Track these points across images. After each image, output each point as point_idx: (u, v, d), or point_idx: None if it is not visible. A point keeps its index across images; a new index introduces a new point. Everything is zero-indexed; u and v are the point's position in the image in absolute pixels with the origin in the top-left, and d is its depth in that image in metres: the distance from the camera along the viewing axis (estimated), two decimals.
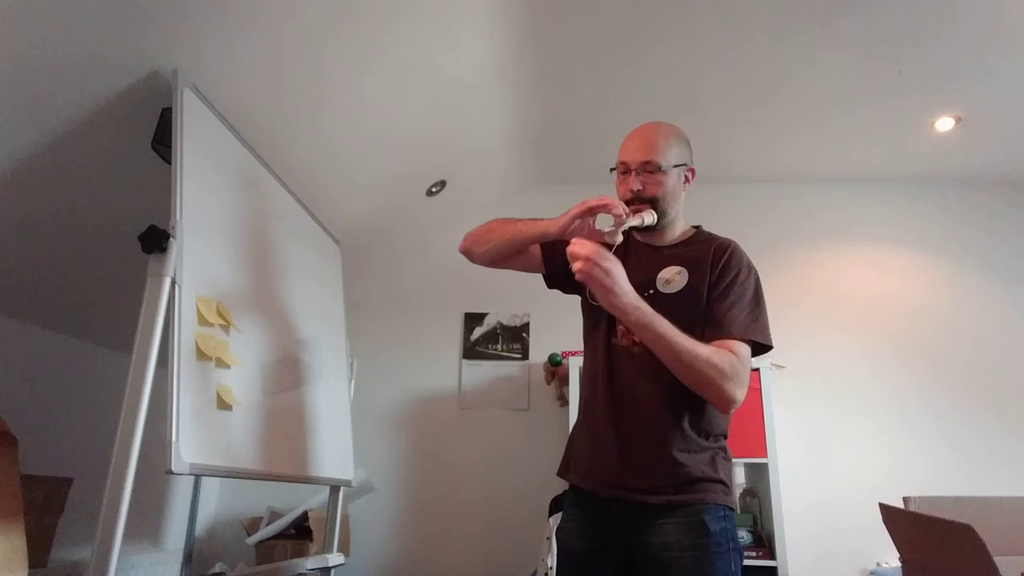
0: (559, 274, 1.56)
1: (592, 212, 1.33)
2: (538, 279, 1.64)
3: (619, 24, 2.38)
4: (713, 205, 3.23)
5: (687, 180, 1.50)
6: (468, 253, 1.59)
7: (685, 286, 1.40)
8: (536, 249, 1.55)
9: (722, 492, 1.35)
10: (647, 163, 1.43)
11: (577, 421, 1.54)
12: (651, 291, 1.41)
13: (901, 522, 1.69)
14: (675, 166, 1.45)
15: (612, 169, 1.49)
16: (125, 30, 1.54)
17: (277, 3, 1.78)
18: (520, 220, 1.50)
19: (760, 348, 1.37)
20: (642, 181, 1.43)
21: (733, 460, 1.43)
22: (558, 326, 3.29)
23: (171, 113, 1.64)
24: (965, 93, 2.73)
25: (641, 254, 1.49)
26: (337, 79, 2.18)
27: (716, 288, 1.38)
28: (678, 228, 1.52)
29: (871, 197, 3.48)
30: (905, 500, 1.87)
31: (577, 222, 1.34)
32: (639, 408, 1.36)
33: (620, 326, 1.41)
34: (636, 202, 1.43)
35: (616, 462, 1.35)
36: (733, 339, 1.33)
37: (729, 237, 1.51)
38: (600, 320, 1.47)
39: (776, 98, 2.83)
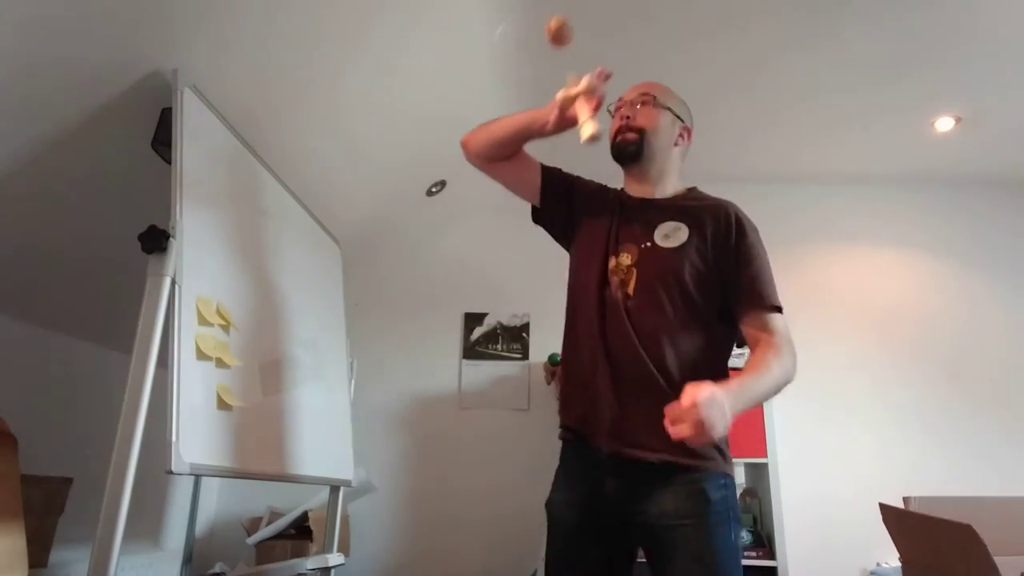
0: (550, 212, 1.55)
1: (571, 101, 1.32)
2: (537, 280, 1.63)
3: (620, 25, 2.38)
4: None
5: (681, 137, 1.48)
6: (466, 143, 1.56)
7: (685, 242, 1.36)
8: (534, 172, 1.54)
9: (721, 460, 1.31)
10: (644, 94, 1.44)
11: (566, 357, 1.48)
12: (648, 243, 1.38)
13: (901, 522, 1.70)
14: (671, 110, 1.45)
15: (609, 107, 1.47)
16: (125, 30, 1.54)
17: (277, 3, 1.78)
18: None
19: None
20: (635, 111, 1.43)
21: (733, 460, 1.41)
22: (558, 326, 3.24)
23: (171, 113, 1.64)
24: (965, 93, 2.73)
25: (634, 207, 1.46)
26: (337, 80, 2.18)
27: (736, 253, 1.35)
28: (670, 184, 1.48)
29: (871, 197, 3.48)
30: (905, 500, 1.88)
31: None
32: (637, 367, 1.30)
33: (613, 276, 1.37)
34: (625, 131, 1.42)
35: (613, 416, 1.31)
36: (770, 310, 1.33)
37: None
38: (592, 262, 1.42)
39: (776, 100, 2.83)
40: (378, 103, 2.40)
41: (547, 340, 3.31)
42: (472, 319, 3.45)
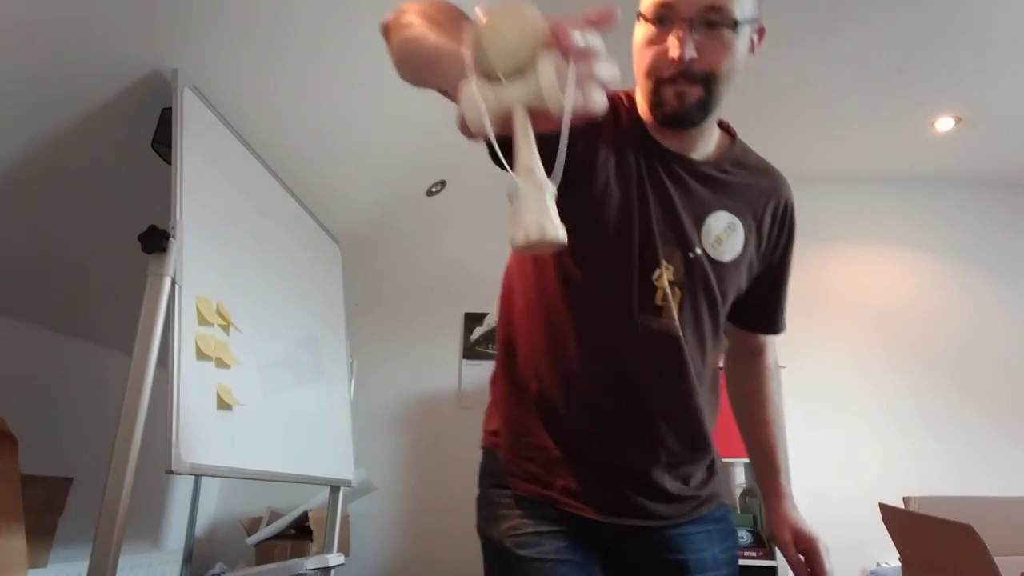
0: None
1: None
2: None
3: (620, 24, 2.38)
4: None
5: (752, 47, 0.95)
6: (386, 35, 0.78)
7: (741, 255, 0.98)
8: None
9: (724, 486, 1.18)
10: (713, 8, 0.83)
11: (533, 409, 1.02)
12: (695, 252, 0.94)
13: (901, 522, 1.69)
14: (748, 22, 0.88)
15: (639, 15, 0.89)
16: (125, 30, 1.54)
17: (277, 4, 1.78)
18: (450, 34, 0.68)
19: None
20: (699, 44, 0.83)
21: (733, 460, 1.36)
22: None
23: (171, 113, 1.64)
24: (965, 93, 2.73)
25: (670, 173, 0.94)
26: (337, 80, 2.18)
27: (778, 267, 1.08)
28: (713, 130, 1.00)
29: (871, 197, 3.48)
30: (905, 500, 1.88)
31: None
32: (688, 423, 0.97)
33: (663, 296, 0.92)
34: (682, 79, 0.86)
35: (650, 486, 0.96)
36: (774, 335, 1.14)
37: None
38: (627, 279, 0.92)
39: (775, 99, 2.82)
40: (379, 103, 2.40)
41: None
42: (472, 319, 3.45)
